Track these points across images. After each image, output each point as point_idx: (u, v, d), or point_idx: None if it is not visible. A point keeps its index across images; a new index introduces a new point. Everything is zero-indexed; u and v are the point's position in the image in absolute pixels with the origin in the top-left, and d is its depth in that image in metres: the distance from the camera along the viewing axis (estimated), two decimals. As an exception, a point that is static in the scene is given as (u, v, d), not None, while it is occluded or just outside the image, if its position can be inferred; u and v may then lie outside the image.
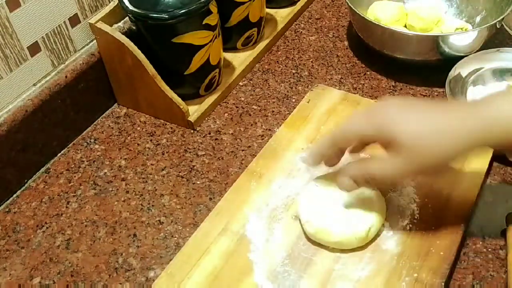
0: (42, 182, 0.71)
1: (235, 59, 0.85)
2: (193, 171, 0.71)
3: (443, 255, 0.56)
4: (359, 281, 0.55)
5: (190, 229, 0.64)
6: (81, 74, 0.74)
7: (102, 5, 0.77)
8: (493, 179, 0.66)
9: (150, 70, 0.72)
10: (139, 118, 0.79)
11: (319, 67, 0.85)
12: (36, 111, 0.70)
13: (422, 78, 0.80)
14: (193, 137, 0.75)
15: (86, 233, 0.65)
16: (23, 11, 0.66)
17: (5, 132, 0.66)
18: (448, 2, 0.89)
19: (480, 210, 0.63)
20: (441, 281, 0.54)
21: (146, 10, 0.69)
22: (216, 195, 0.67)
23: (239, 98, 0.81)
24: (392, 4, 0.86)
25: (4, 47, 0.66)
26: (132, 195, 0.69)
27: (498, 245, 0.60)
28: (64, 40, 0.73)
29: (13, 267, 0.62)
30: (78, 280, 0.60)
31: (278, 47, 0.89)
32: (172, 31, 0.71)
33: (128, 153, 0.74)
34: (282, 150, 0.69)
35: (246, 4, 0.81)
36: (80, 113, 0.77)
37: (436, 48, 0.76)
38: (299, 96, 0.79)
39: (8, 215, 0.68)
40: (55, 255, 0.63)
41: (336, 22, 0.93)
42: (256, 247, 0.59)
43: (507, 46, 0.80)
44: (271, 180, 0.65)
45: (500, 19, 0.76)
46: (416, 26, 0.83)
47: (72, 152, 0.75)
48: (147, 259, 0.62)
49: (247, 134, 0.75)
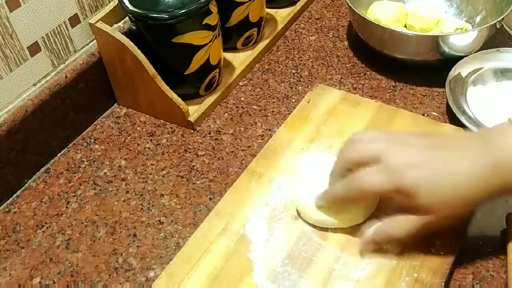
0: (42, 182, 0.71)
1: (235, 59, 0.85)
2: (193, 171, 0.71)
3: (443, 255, 0.56)
4: (359, 281, 0.55)
5: (190, 229, 0.64)
6: (81, 74, 0.74)
7: (102, 5, 0.77)
8: (493, 179, 0.66)
9: (150, 70, 0.72)
10: (139, 118, 0.79)
11: (319, 67, 0.85)
12: (36, 111, 0.70)
13: (422, 78, 0.80)
14: (193, 137, 0.75)
15: (86, 233, 0.65)
16: (23, 11, 0.66)
17: (5, 132, 0.66)
18: (448, 2, 0.89)
19: (480, 210, 0.63)
20: (441, 281, 0.54)
21: (146, 10, 0.69)
22: (216, 195, 0.67)
23: (239, 98, 0.81)
24: (392, 4, 0.86)
25: (4, 47, 0.66)
26: (132, 195, 0.69)
27: (498, 245, 0.59)
28: (64, 40, 0.73)
29: (13, 267, 0.62)
30: (78, 280, 0.60)
31: (278, 47, 0.89)
32: (172, 31, 0.71)
33: (128, 153, 0.74)
34: (282, 150, 0.69)
35: (246, 4, 0.81)
36: (80, 113, 0.77)
37: (436, 48, 0.76)
38: (299, 96, 0.79)
39: (8, 215, 0.68)
40: (55, 255, 0.63)
41: (336, 22, 0.93)
42: (256, 247, 0.59)
43: (507, 46, 0.80)
44: (271, 180, 0.65)
45: (500, 19, 0.76)
46: (416, 26, 0.83)
47: (72, 152, 0.75)
48: (147, 259, 0.62)
49: (247, 134, 0.75)
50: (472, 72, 0.76)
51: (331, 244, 0.59)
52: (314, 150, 0.68)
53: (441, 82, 0.75)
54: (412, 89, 0.79)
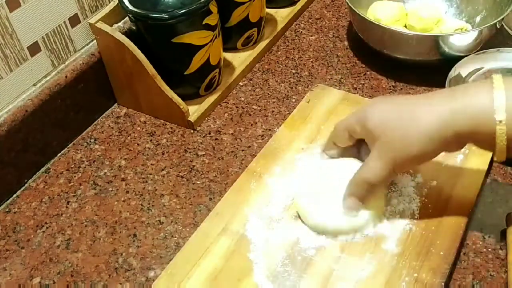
0: (42, 182, 0.71)
1: (235, 59, 0.85)
2: (193, 171, 0.71)
3: (443, 255, 0.56)
4: (359, 281, 0.55)
5: (190, 229, 0.64)
6: (81, 74, 0.74)
7: (102, 5, 0.77)
8: (493, 179, 0.66)
9: (150, 70, 0.72)
10: (139, 118, 0.79)
11: (319, 67, 0.85)
12: (36, 111, 0.70)
13: (422, 78, 0.80)
14: (193, 137, 0.75)
15: (86, 233, 0.65)
16: (23, 11, 0.66)
17: (5, 132, 0.66)
18: (448, 2, 0.89)
19: (480, 210, 0.63)
20: (441, 281, 0.54)
21: (146, 10, 0.69)
22: (216, 195, 0.67)
23: (239, 98, 0.81)
24: (392, 4, 0.86)
25: (4, 47, 0.66)
26: (132, 195, 0.69)
27: (498, 245, 0.60)
28: (64, 40, 0.73)
29: (13, 267, 0.62)
30: (78, 280, 0.60)
31: (278, 47, 0.89)
32: (172, 31, 0.71)
33: (128, 153, 0.74)
34: (282, 150, 0.69)
35: (246, 4, 0.81)
36: (80, 113, 0.77)
37: (436, 48, 0.76)
38: (299, 96, 0.79)
39: (8, 215, 0.68)
40: (55, 255, 0.63)
41: (336, 22, 0.93)
42: (256, 247, 0.59)
43: (507, 46, 0.80)
44: (271, 180, 0.65)
45: (500, 19, 0.76)
46: (416, 26, 0.83)
47: (72, 152, 0.75)
48: (147, 259, 0.62)
49: (247, 134, 0.75)
50: (472, 72, 0.76)
51: (331, 244, 0.59)
52: (314, 150, 0.68)
53: (441, 82, 0.75)
54: (412, 89, 0.79)
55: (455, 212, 0.60)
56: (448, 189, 0.62)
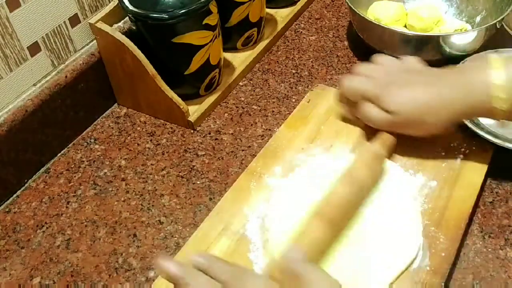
0: (42, 182, 0.71)
1: (235, 59, 0.85)
2: (193, 171, 0.71)
3: (443, 255, 0.56)
4: (359, 281, 0.55)
5: (190, 229, 0.64)
6: (81, 74, 0.74)
7: (102, 5, 0.77)
8: (493, 179, 0.66)
9: (150, 70, 0.72)
10: (139, 118, 0.79)
11: (319, 67, 0.85)
12: (36, 111, 0.70)
13: (422, 78, 0.80)
14: (193, 137, 0.75)
15: (86, 233, 0.65)
16: (23, 11, 0.66)
17: (5, 132, 0.66)
18: (448, 2, 0.89)
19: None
20: (441, 281, 0.54)
21: (146, 10, 0.69)
22: (216, 195, 0.67)
23: (239, 98, 0.81)
24: (392, 4, 0.86)
25: (4, 47, 0.66)
26: (132, 195, 0.69)
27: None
28: (64, 40, 0.73)
29: (13, 267, 0.62)
30: (78, 280, 0.60)
31: (278, 47, 0.89)
32: (172, 31, 0.71)
33: (128, 153, 0.74)
34: (282, 150, 0.69)
35: (246, 4, 0.81)
36: (80, 113, 0.77)
37: (436, 48, 0.76)
38: (299, 96, 0.79)
39: (8, 215, 0.68)
40: (55, 255, 0.63)
41: (336, 22, 0.93)
42: (256, 247, 0.59)
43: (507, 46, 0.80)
44: (271, 180, 0.65)
45: (500, 19, 0.76)
46: (416, 26, 0.83)
47: (72, 152, 0.75)
48: (147, 259, 0.62)
49: (247, 134, 0.75)
50: (472, 72, 0.76)
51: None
52: (314, 150, 0.68)
53: (441, 82, 0.75)
54: (412, 89, 0.79)
55: (455, 212, 0.60)
56: (448, 189, 0.62)
